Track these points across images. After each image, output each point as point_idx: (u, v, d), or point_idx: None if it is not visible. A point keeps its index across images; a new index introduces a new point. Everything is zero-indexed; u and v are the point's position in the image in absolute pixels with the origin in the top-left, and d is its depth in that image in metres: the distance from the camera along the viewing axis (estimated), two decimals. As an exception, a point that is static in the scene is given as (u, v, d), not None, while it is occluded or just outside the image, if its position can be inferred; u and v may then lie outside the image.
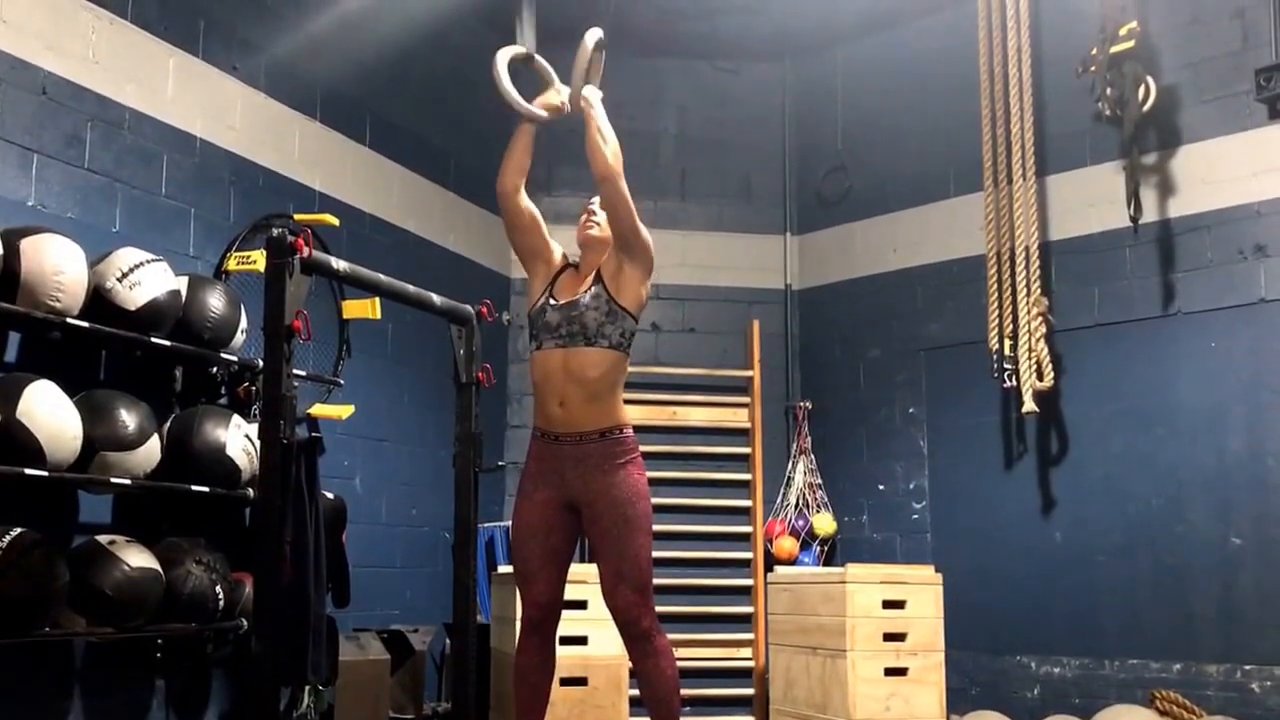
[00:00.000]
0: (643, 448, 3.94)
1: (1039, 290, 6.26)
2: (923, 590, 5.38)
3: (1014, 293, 6.34)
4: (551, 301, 3.80)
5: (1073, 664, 6.12)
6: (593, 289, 3.76)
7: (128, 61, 4.59)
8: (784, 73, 7.82)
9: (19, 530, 3.64)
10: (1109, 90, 6.09)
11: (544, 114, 3.93)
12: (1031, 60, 6.46)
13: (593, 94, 3.80)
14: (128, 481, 3.96)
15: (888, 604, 5.29)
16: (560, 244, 4.04)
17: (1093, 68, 6.14)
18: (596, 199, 3.87)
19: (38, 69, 4.20)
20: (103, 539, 4.01)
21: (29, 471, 3.62)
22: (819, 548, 7.09)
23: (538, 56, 4.05)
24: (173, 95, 4.82)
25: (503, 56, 3.90)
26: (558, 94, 3.97)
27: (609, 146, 3.70)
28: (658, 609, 3.76)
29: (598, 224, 3.86)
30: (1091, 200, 6.32)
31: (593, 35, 3.81)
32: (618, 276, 3.77)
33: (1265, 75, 5.61)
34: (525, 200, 3.90)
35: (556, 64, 4.10)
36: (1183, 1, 6.09)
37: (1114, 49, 6.04)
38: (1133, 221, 5.98)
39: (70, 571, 3.78)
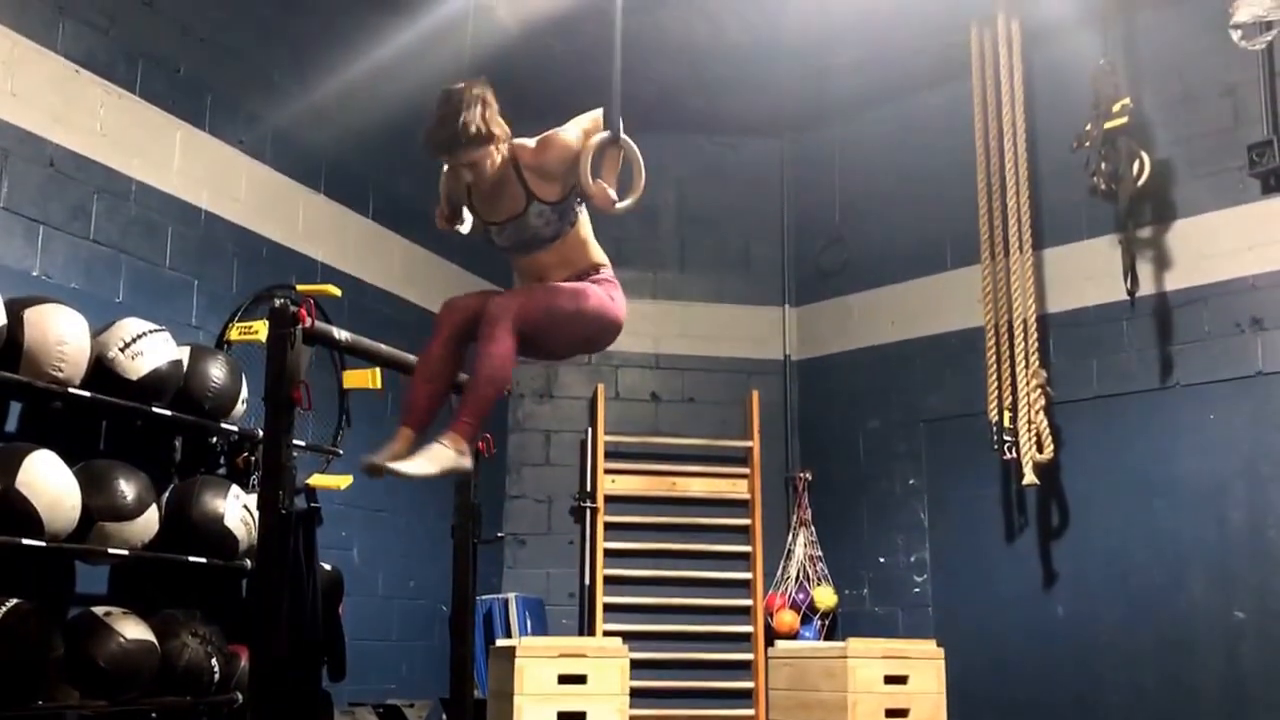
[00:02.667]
0: (641, 518, 3.94)
1: (1037, 362, 6.28)
2: (925, 665, 5.34)
3: (1013, 365, 6.36)
4: (490, 223, 3.77)
5: (1077, 740, 6.05)
6: (531, 207, 3.63)
7: (135, 134, 4.65)
8: (782, 147, 7.92)
9: (15, 601, 3.61)
10: (1103, 165, 6.16)
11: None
12: (1026, 135, 6.55)
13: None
14: (125, 552, 3.95)
15: (890, 679, 5.24)
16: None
17: (1087, 143, 6.22)
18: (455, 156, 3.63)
19: (46, 141, 4.26)
20: (99, 610, 3.98)
21: (26, 541, 3.60)
22: (820, 621, 7.03)
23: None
24: (179, 167, 4.87)
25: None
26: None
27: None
28: (655, 683, 3.71)
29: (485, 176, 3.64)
30: (1088, 273, 6.36)
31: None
32: (541, 180, 3.62)
33: (1257, 150, 5.69)
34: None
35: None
36: (1174, 78, 6.18)
37: (1108, 125, 6.11)
38: (1129, 294, 6.02)
39: (65, 643, 3.75)
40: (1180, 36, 6.17)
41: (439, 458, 3.45)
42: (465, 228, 3.94)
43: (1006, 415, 6.31)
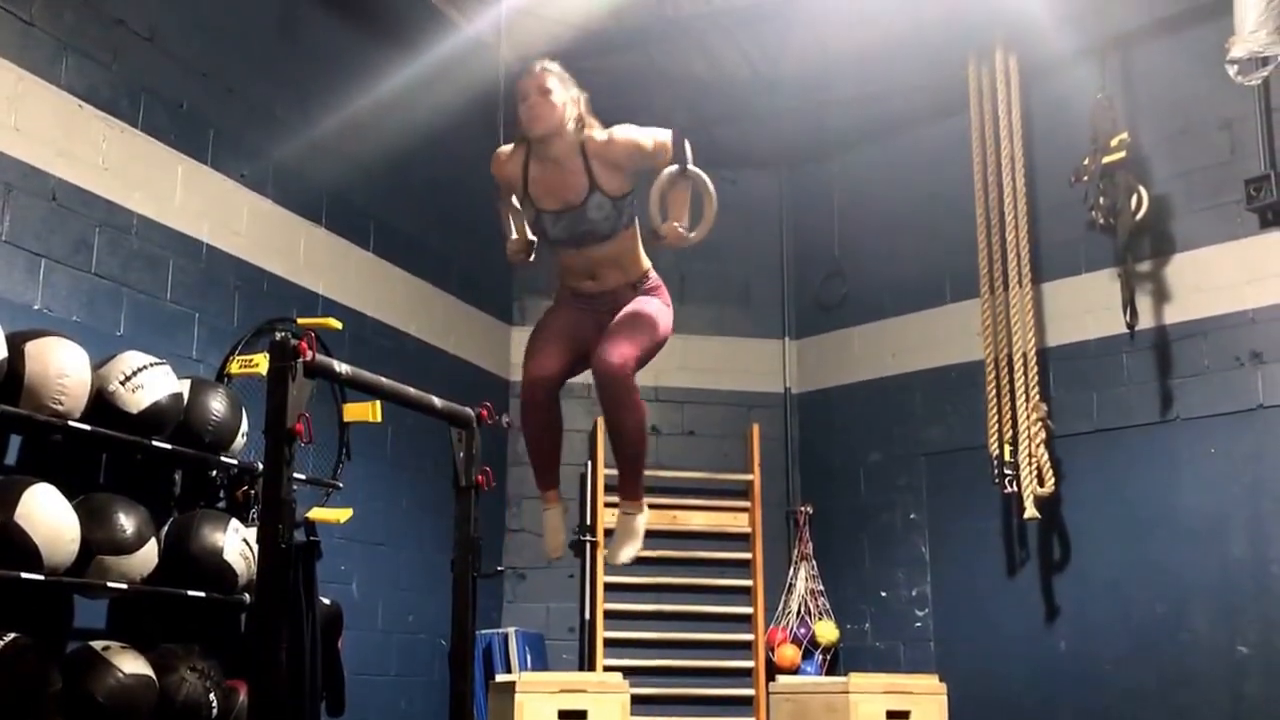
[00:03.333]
0: (642, 552, 3.99)
1: (1037, 396, 6.28)
2: (927, 700, 5.31)
3: (1013, 398, 6.36)
4: (544, 211, 3.77)
5: (1080, 776, 6.00)
6: (591, 198, 3.70)
7: (137, 168, 4.67)
8: (781, 181, 7.95)
9: (12, 635, 3.59)
10: (1102, 199, 6.19)
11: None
12: (1025, 169, 6.58)
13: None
14: (124, 586, 3.93)
15: (892, 714, 5.22)
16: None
17: (1085, 177, 6.25)
18: (530, 79, 3.72)
19: (48, 175, 4.27)
20: (97, 645, 3.95)
21: (25, 575, 3.59)
22: (821, 656, 6.99)
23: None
24: (180, 201, 4.89)
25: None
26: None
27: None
28: (655, 719, 3.76)
29: (539, 116, 3.68)
30: (1088, 307, 6.37)
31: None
32: (606, 170, 3.69)
33: (1255, 185, 5.71)
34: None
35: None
36: (1172, 113, 6.21)
37: (1106, 159, 6.15)
38: (1129, 328, 6.03)
39: (63, 678, 3.72)
40: (1177, 71, 6.21)
41: (638, 529, 3.94)
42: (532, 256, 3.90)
43: (1007, 449, 6.31)
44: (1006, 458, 6.29)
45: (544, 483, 4.10)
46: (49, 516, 3.66)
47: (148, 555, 4.02)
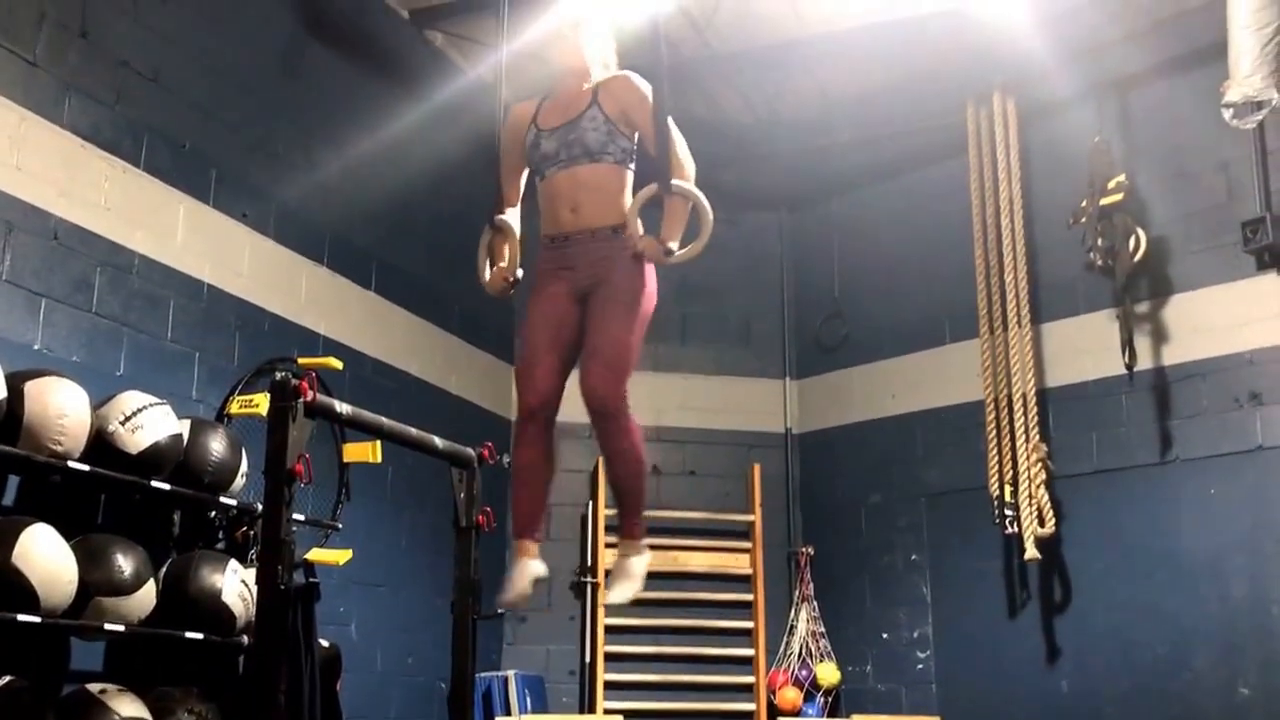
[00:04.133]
0: (643, 594, 3.90)
1: (1037, 436, 6.28)
2: (928, 743, 5.27)
3: (1013, 439, 6.36)
4: (542, 129, 3.78)
5: (1084, 821, 5.95)
6: (589, 111, 3.74)
7: (139, 208, 4.69)
8: (781, 222, 7.98)
9: (8, 678, 3.57)
10: (1100, 241, 6.22)
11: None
12: (1023, 211, 6.61)
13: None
14: (121, 628, 3.91)
15: (893, 757, 5.18)
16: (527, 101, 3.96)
17: (1083, 219, 6.28)
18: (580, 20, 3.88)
19: (50, 215, 4.29)
20: (93, 688, 3.93)
21: (22, 617, 3.57)
22: (823, 699, 6.95)
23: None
24: (182, 241, 4.91)
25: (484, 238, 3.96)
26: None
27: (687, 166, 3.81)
28: None
29: (569, 50, 3.84)
30: (1087, 348, 6.38)
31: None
32: (618, 117, 3.75)
33: (1251, 227, 5.73)
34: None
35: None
36: (1169, 155, 6.25)
37: (1104, 201, 6.19)
38: (1128, 369, 6.04)
39: (59, 721, 3.70)
40: (1174, 114, 6.26)
41: (636, 571, 3.75)
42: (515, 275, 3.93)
43: (1007, 489, 6.30)
44: (1007, 498, 6.28)
45: (525, 530, 3.81)
46: (47, 557, 3.65)
47: (146, 596, 4.00)
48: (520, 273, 3.94)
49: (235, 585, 4.33)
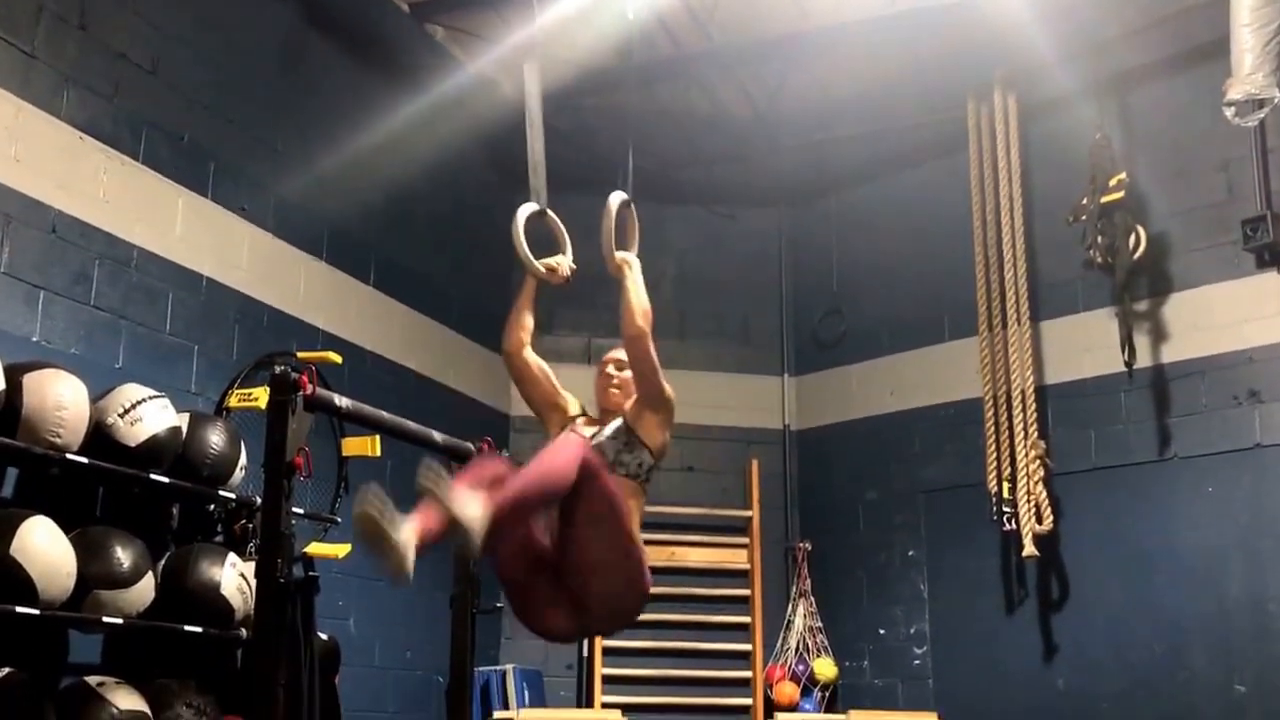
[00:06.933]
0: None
1: (1036, 434, 6.28)
2: (925, 739, 5.27)
3: (1011, 436, 6.36)
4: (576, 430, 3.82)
5: (1080, 818, 5.96)
6: (614, 424, 3.81)
7: (137, 201, 4.68)
8: (780, 218, 7.97)
9: (6, 670, 3.57)
10: (1100, 238, 6.21)
11: (550, 278, 3.98)
12: (1023, 208, 6.61)
13: (632, 259, 3.85)
14: (119, 620, 3.90)
15: (890, 753, 5.18)
16: (574, 394, 4.04)
17: (1083, 216, 6.27)
18: (613, 354, 3.95)
19: (48, 208, 4.28)
20: (92, 680, 3.92)
21: (20, 609, 3.56)
22: (820, 693, 6.95)
23: (550, 213, 4.09)
24: (181, 234, 4.90)
25: (521, 214, 3.96)
26: (565, 261, 4.02)
27: (640, 308, 3.74)
28: None
29: (618, 389, 3.91)
30: (1086, 345, 6.38)
31: (616, 198, 3.86)
32: (638, 420, 3.80)
33: (1251, 225, 5.72)
34: (532, 355, 3.98)
35: (551, 208, 4.12)
36: (1169, 153, 6.25)
37: (1104, 199, 6.18)
38: (1127, 367, 6.04)
39: (57, 715, 3.69)
40: (1175, 112, 6.25)
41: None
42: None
43: (1006, 486, 6.30)
44: (1005, 495, 6.28)
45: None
46: (45, 550, 3.64)
47: (144, 589, 3.99)
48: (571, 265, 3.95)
49: (234, 578, 4.32)
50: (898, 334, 7.26)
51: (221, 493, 4.47)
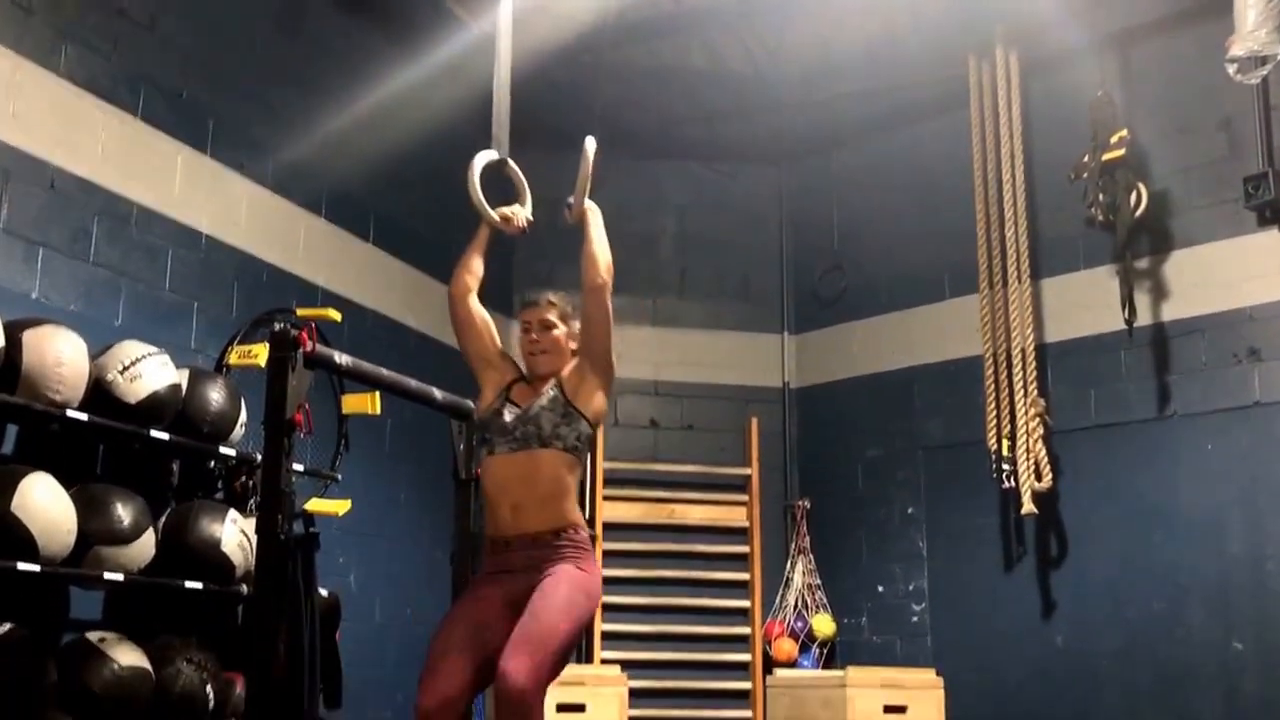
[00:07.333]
0: (639, 545, 3.89)
1: (1036, 391, 6.29)
2: (924, 694, 5.32)
3: (1011, 394, 6.37)
4: (508, 404, 3.68)
5: (1076, 772, 6.01)
6: (550, 393, 3.65)
7: (137, 158, 4.66)
8: (780, 175, 7.94)
9: (8, 626, 3.59)
10: (1101, 196, 6.19)
11: (505, 227, 3.95)
12: (1025, 165, 6.58)
13: (594, 209, 3.80)
14: (120, 577, 3.92)
15: (889, 709, 5.24)
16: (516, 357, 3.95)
17: (1084, 174, 6.25)
18: (535, 312, 3.79)
19: (46, 164, 4.26)
20: (93, 636, 3.94)
21: (21, 566, 3.58)
22: (818, 650, 7.00)
23: (511, 163, 4.07)
24: (180, 192, 4.88)
25: (479, 161, 3.95)
26: (523, 211, 3.97)
27: (603, 259, 3.66)
28: (653, 711, 3.62)
29: (546, 354, 3.74)
30: (1086, 303, 6.37)
31: (591, 145, 3.84)
32: (579, 386, 3.65)
33: (1253, 183, 5.71)
34: (476, 304, 3.87)
35: (551, 164, 4.11)
36: (1171, 110, 6.21)
37: (1105, 156, 6.15)
38: (1127, 325, 6.04)
39: (59, 670, 3.72)
40: (1177, 69, 6.21)
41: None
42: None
43: (1005, 444, 6.32)
44: (1005, 453, 6.30)
45: None
46: (46, 506, 3.65)
47: (145, 546, 4.01)
48: (528, 216, 3.91)
49: (234, 535, 4.34)
50: (898, 291, 7.25)
51: (222, 449, 4.48)
